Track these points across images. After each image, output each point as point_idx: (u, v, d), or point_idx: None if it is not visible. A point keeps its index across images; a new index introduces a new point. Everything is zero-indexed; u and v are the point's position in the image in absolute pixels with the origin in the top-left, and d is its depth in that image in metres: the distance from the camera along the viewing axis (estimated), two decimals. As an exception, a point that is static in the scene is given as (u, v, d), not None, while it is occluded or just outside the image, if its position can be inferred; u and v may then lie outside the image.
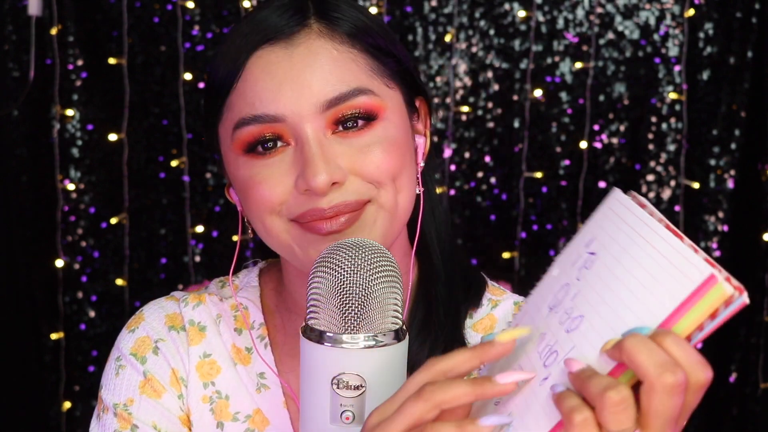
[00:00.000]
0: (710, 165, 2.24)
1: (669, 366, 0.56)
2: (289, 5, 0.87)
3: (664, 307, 0.57)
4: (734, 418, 2.28)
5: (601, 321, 0.60)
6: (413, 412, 0.62)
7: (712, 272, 0.56)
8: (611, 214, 0.65)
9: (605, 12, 2.22)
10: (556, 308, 0.64)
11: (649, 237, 0.60)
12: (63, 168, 2.24)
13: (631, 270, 0.60)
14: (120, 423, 0.92)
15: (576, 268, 0.65)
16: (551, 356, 0.62)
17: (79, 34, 2.22)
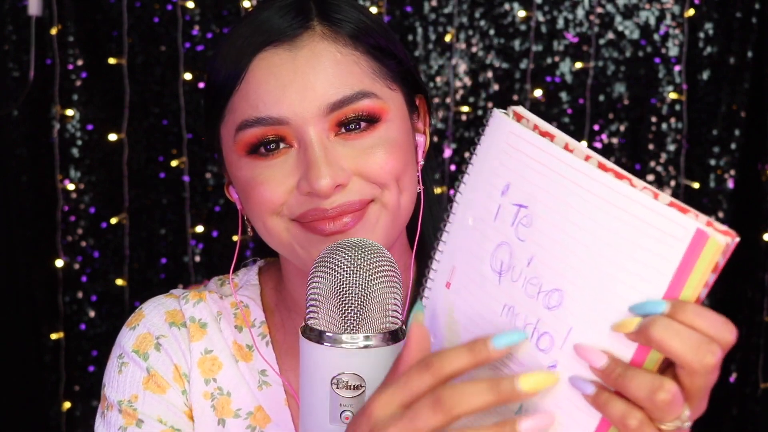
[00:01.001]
0: (710, 165, 2.24)
1: (705, 346, 0.55)
2: (291, 6, 0.87)
3: (662, 275, 0.55)
4: (734, 418, 2.28)
5: (590, 297, 0.57)
6: (430, 424, 0.58)
7: (698, 227, 0.54)
8: (513, 151, 0.61)
9: (605, 12, 2.22)
10: (508, 274, 0.61)
11: (599, 191, 0.57)
12: (63, 168, 2.24)
13: (596, 233, 0.57)
14: (125, 419, 0.92)
15: (508, 225, 0.61)
16: (543, 338, 0.59)
17: (79, 34, 2.22)
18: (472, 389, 0.58)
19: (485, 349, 0.59)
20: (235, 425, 0.93)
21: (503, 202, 0.61)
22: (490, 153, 0.63)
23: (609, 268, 0.57)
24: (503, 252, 0.61)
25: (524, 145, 0.61)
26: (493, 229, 0.62)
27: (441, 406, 0.57)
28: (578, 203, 0.58)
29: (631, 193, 0.56)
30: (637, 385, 0.55)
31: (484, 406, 0.58)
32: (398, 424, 0.58)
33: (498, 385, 0.57)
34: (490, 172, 0.63)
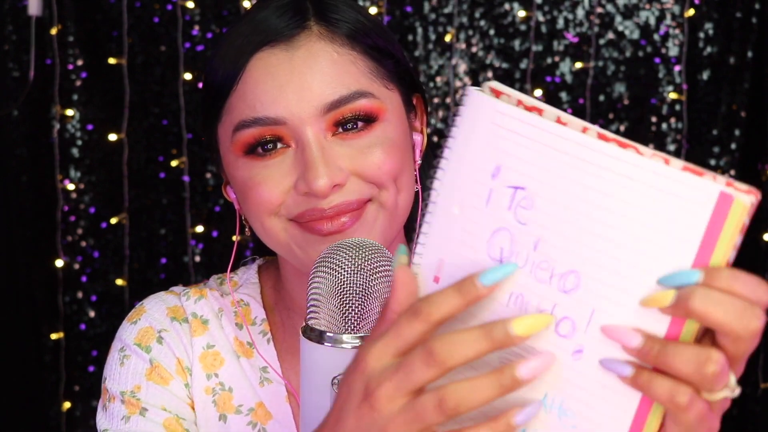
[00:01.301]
0: (710, 165, 2.24)
1: (749, 311, 0.53)
2: (289, 6, 0.87)
3: (688, 244, 0.52)
4: (734, 418, 2.28)
5: (611, 275, 0.54)
6: (425, 377, 0.55)
7: (721, 190, 0.51)
8: (500, 130, 0.57)
9: (605, 12, 2.22)
10: (512, 261, 0.57)
11: (606, 162, 0.54)
12: (63, 168, 2.24)
13: (609, 207, 0.54)
14: (128, 409, 0.91)
15: (504, 209, 0.57)
16: (563, 323, 0.56)
17: (79, 34, 2.22)
18: (464, 338, 0.55)
19: (473, 287, 0.56)
20: (237, 421, 0.93)
21: (495, 186, 0.57)
22: (472, 135, 0.58)
23: (628, 242, 0.54)
24: (502, 238, 0.57)
25: (512, 122, 0.57)
26: (487, 216, 0.58)
27: (434, 358, 0.55)
28: (584, 178, 0.55)
29: (641, 162, 0.53)
30: (681, 360, 0.52)
31: (478, 354, 0.55)
32: (393, 378, 0.56)
33: (491, 331, 0.54)
34: (474, 156, 0.58)
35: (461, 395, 0.54)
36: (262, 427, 0.93)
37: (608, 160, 0.54)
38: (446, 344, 0.55)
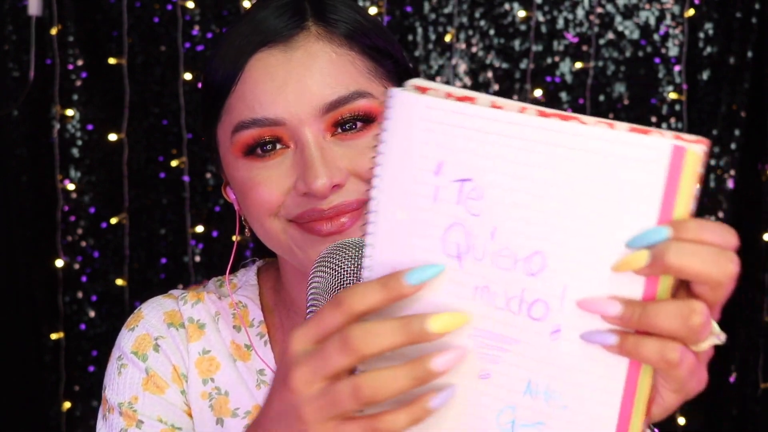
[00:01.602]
0: (710, 165, 2.24)
1: (723, 256, 0.52)
2: (287, 6, 0.87)
3: (649, 203, 0.52)
4: (734, 418, 2.28)
5: (577, 248, 0.53)
6: (339, 364, 0.56)
7: (673, 144, 0.51)
8: (435, 126, 0.55)
9: (605, 12, 2.22)
10: (469, 255, 0.56)
11: (551, 138, 0.53)
12: (63, 168, 2.24)
13: (564, 182, 0.53)
14: (126, 421, 0.92)
15: (453, 204, 0.56)
16: (535, 306, 0.55)
17: (79, 34, 2.22)
18: (381, 328, 0.55)
19: (398, 284, 0.56)
20: (234, 425, 0.93)
21: (440, 182, 0.56)
22: (405, 136, 0.56)
23: (588, 213, 0.53)
24: (456, 234, 0.56)
25: (446, 116, 0.55)
26: (436, 214, 0.56)
27: (349, 346, 0.55)
28: (531, 158, 0.53)
29: (586, 131, 0.52)
30: (665, 317, 0.52)
31: (394, 345, 0.55)
32: (309, 362, 0.57)
33: (408, 324, 0.55)
34: (412, 157, 0.56)
35: (377, 384, 0.55)
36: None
37: (552, 135, 0.53)
38: (362, 333, 0.55)
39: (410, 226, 0.57)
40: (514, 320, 0.56)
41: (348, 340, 0.55)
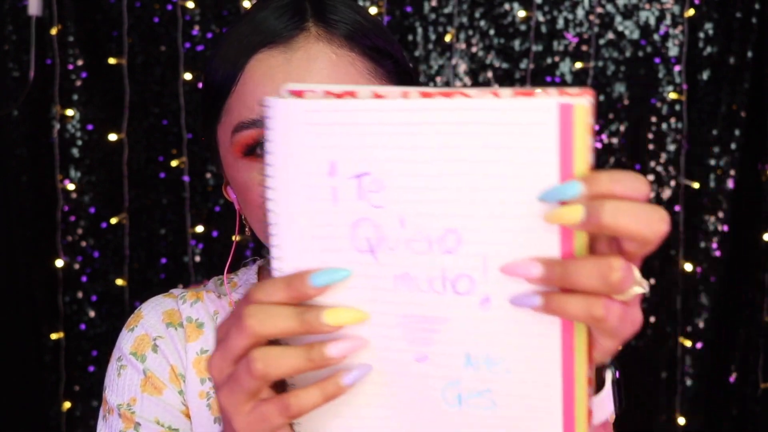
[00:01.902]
0: (710, 165, 2.24)
1: (655, 215, 0.52)
2: (287, 7, 0.87)
3: (548, 165, 0.52)
4: (734, 418, 2.28)
5: (488, 219, 0.54)
6: (234, 345, 0.57)
7: (559, 103, 0.51)
8: (320, 128, 0.55)
9: (605, 12, 2.22)
10: (382, 246, 0.56)
11: (438, 118, 0.53)
12: (63, 168, 2.24)
13: (461, 159, 0.53)
14: (124, 423, 0.92)
15: (354, 201, 0.55)
16: (459, 282, 0.55)
17: (79, 34, 2.22)
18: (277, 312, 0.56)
19: (303, 285, 0.56)
20: None
21: (336, 183, 0.55)
22: (290, 144, 0.56)
23: (492, 183, 0.53)
24: (364, 229, 0.56)
25: (328, 116, 0.55)
26: (339, 214, 0.56)
27: (244, 327, 0.56)
28: (424, 141, 0.53)
29: (471, 104, 0.52)
30: (586, 276, 0.52)
31: (289, 331, 0.56)
32: (218, 349, 0.59)
33: (303, 313, 0.56)
34: (301, 163, 0.56)
35: (268, 358, 0.56)
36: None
37: (438, 114, 0.53)
38: (257, 315, 0.56)
39: (315, 230, 0.57)
40: (440, 300, 0.56)
41: (243, 322, 0.57)
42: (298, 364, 0.56)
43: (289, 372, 0.56)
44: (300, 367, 0.56)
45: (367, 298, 0.57)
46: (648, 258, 2.10)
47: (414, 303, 0.57)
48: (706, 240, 2.26)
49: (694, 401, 2.29)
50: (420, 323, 0.57)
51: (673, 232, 2.25)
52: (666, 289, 2.27)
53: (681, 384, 2.28)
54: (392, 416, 0.60)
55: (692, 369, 2.28)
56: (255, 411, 0.58)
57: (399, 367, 0.59)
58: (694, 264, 2.24)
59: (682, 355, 2.28)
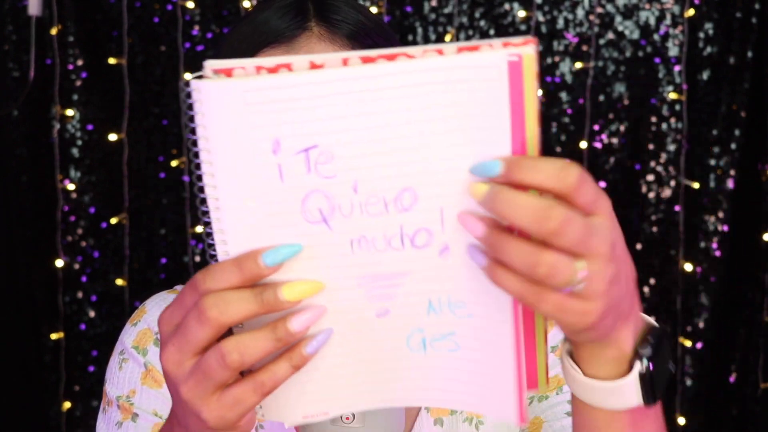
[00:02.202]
0: (710, 165, 2.24)
1: (543, 212, 0.51)
2: (290, 7, 0.87)
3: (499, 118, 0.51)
4: (734, 418, 2.28)
5: (442, 175, 0.53)
6: (199, 335, 0.56)
7: (507, 60, 0.50)
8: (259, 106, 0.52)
9: (605, 12, 2.22)
10: (336, 215, 0.55)
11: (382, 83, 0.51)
12: (63, 168, 2.24)
13: (411, 121, 0.52)
14: (122, 414, 0.92)
15: (303, 175, 0.54)
16: (418, 236, 0.55)
17: (79, 34, 2.22)
18: (235, 297, 0.55)
19: (255, 265, 0.55)
20: None
21: (281, 160, 0.53)
22: (227, 127, 0.53)
23: (445, 141, 0.52)
24: (315, 200, 0.55)
25: (262, 94, 0.52)
26: (288, 190, 0.54)
27: (205, 316, 0.55)
28: (369, 107, 0.52)
29: (415, 66, 0.51)
30: (516, 259, 0.52)
31: (250, 314, 0.55)
32: (174, 342, 0.57)
33: (261, 293, 0.55)
34: (240, 145, 0.54)
35: (241, 347, 0.56)
36: (259, 424, 0.93)
37: (381, 80, 0.51)
38: (216, 302, 0.55)
39: (263, 209, 0.55)
40: (399, 256, 0.56)
41: (202, 311, 0.55)
42: (268, 347, 0.56)
43: (261, 356, 0.56)
44: (271, 349, 0.56)
45: (324, 266, 0.57)
46: (648, 258, 2.08)
47: (373, 263, 0.56)
48: (706, 240, 2.26)
49: (694, 401, 2.29)
50: (380, 281, 0.57)
51: (673, 232, 2.25)
52: (666, 289, 2.27)
53: (681, 384, 2.28)
54: (360, 372, 0.61)
55: (692, 369, 2.28)
56: (225, 397, 0.57)
57: (361, 325, 0.59)
58: (694, 264, 2.24)
59: (682, 355, 2.28)
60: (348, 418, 0.72)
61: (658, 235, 2.26)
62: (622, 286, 0.56)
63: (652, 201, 2.26)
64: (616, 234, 0.54)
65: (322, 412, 0.63)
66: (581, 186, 0.52)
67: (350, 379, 0.61)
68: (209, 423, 0.58)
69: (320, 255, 0.56)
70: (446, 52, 0.51)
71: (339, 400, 0.63)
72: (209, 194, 0.56)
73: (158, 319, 0.60)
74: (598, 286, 0.53)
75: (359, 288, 0.58)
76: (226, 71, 0.52)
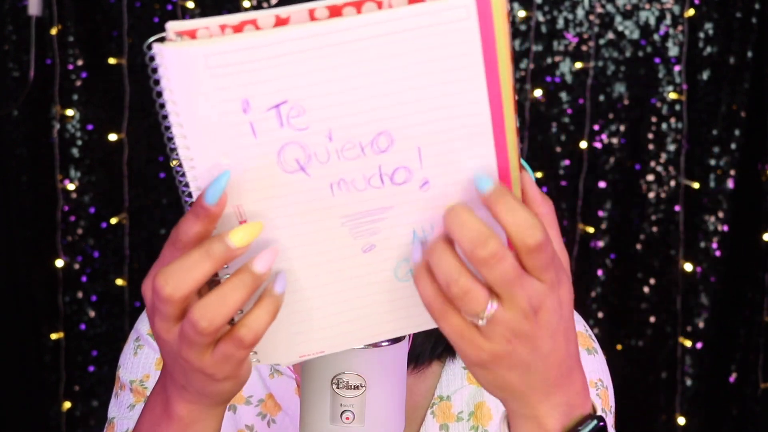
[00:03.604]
0: (710, 165, 2.24)
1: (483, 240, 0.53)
2: None
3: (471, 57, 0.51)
4: (734, 418, 2.29)
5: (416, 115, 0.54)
6: (162, 312, 0.56)
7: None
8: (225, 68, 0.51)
9: (605, 12, 2.22)
10: (313, 162, 0.55)
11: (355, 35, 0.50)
12: (63, 168, 2.24)
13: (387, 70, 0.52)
14: (135, 397, 0.93)
15: (277, 130, 0.53)
16: (397, 174, 0.56)
17: (80, 34, 2.23)
18: (184, 264, 0.55)
19: (203, 208, 0.55)
20: (246, 412, 0.94)
21: (253, 118, 0.53)
22: (192, 92, 0.52)
23: (419, 84, 0.52)
24: (291, 152, 0.54)
25: (227, 56, 0.50)
26: (263, 146, 0.54)
27: (161, 293, 0.55)
28: (340, 60, 0.51)
29: (382, 17, 0.50)
30: (439, 266, 0.55)
31: (206, 275, 0.55)
32: (154, 315, 0.57)
33: (210, 249, 0.55)
34: (209, 105, 0.52)
35: (209, 313, 0.55)
36: (272, 418, 0.94)
37: (349, 33, 0.50)
38: (168, 276, 0.55)
39: (240, 166, 0.55)
40: (380, 193, 0.57)
41: (157, 288, 0.55)
42: (240, 297, 0.55)
43: (235, 309, 0.56)
44: (243, 298, 0.55)
45: (305, 210, 0.57)
46: (648, 258, 2.08)
47: (354, 202, 0.57)
48: (706, 240, 2.26)
49: (694, 401, 2.29)
50: (362, 218, 0.58)
51: (673, 232, 2.25)
52: (666, 289, 2.27)
53: (681, 384, 2.28)
54: (351, 309, 0.62)
55: (692, 369, 2.29)
56: (215, 354, 0.58)
57: (349, 262, 0.59)
58: (694, 264, 2.25)
59: (682, 355, 2.28)
60: (348, 418, 0.72)
61: (658, 235, 2.27)
62: (539, 355, 0.56)
63: (652, 201, 2.26)
64: (551, 307, 0.55)
65: (318, 351, 0.64)
66: (534, 252, 0.54)
67: (342, 316, 0.62)
68: (216, 376, 0.59)
69: (301, 201, 0.57)
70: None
71: (333, 338, 0.63)
72: (183, 155, 0.55)
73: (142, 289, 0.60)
74: (501, 331, 0.55)
75: (342, 227, 0.58)
76: (190, 33, 0.51)
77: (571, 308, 0.58)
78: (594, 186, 2.27)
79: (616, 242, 2.29)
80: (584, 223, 2.27)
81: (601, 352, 1.00)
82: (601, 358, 0.98)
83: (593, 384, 0.95)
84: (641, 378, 2.30)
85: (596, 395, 0.94)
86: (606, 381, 0.97)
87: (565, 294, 0.57)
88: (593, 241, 2.29)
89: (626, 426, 1.86)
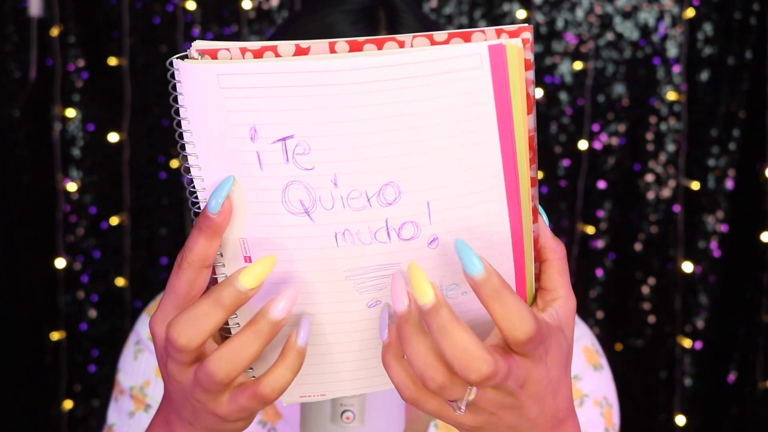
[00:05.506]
0: (709, 165, 2.25)
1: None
2: (361, 14, 0.82)
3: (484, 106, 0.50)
4: (734, 418, 2.29)
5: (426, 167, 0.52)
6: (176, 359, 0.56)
7: (489, 46, 0.49)
8: (236, 91, 0.51)
9: (604, 13, 2.22)
10: (317, 207, 0.54)
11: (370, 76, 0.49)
12: (64, 168, 2.25)
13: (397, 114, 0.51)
14: (135, 404, 0.93)
15: (282, 165, 0.53)
16: (404, 229, 0.55)
17: (80, 35, 2.23)
18: (195, 314, 0.53)
19: (208, 219, 0.53)
20: None
21: (259, 148, 0.52)
22: (204, 108, 0.52)
23: (430, 134, 0.51)
24: (296, 191, 0.53)
25: (242, 79, 0.50)
26: (268, 179, 0.53)
27: (175, 344, 0.54)
28: (352, 101, 0.50)
29: (398, 60, 0.49)
30: (415, 358, 0.52)
31: (217, 325, 0.53)
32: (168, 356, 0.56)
33: (220, 297, 0.53)
34: (221, 129, 0.52)
35: (225, 365, 0.54)
36: (273, 427, 0.94)
37: (366, 73, 0.49)
38: (180, 328, 0.54)
39: (246, 196, 0.55)
40: (386, 248, 0.55)
41: (171, 340, 0.54)
42: (256, 348, 0.54)
43: (252, 360, 0.54)
44: (259, 349, 0.54)
45: (310, 258, 0.56)
46: (647, 258, 2.09)
47: (359, 256, 0.56)
48: (705, 240, 2.26)
49: (693, 401, 2.30)
50: (368, 273, 0.56)
51: (672, 232, 2.25)
52: (665, 289, 2.28)
53: (680, 384, 2.29)
54: (355, 358, 0.61)
55: (691, 369, 2.29)
56: (232, 404, 0.56)
57: (353, 315, 0.59)
58: (693, 264, 2.25)
59: (681, 355, 2.28)
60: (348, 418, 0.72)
61: (657, 235, 2.27)
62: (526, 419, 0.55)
63: (651, 201, 2.26)
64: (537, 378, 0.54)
65: (319, 394, 0.63)
66: (523, 344, 0.52)
67: (346, 364, 0.62)
68: (229, 418, 0.57)
69: (305, 247, 0.55)
70: (437, 37, 0.51)
71: (336, 383, 0.63)
72: (195, 174, 0.55)
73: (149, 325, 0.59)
74: (485, 407, 0.54)
75: (347, 281, 0.57)
76: (211, 53, 0.51)
77: (561, 361, 0.56)
78: (593, 186, 2.27)
79: (615, 242, 2.29)
80: (584, 223, 2.27)
81: (608, 367, 0.98)
82: (607, 373, 0.97)
83: (597, 403, 0.93)
84: (640, 378, 2.30)
85: (600, 414, 0.93)
86: (611, 398, 0.95)
87: (555, 355, 0.55)
88: (593, 241, 2.29)
89: (625, 426, 1.87)
